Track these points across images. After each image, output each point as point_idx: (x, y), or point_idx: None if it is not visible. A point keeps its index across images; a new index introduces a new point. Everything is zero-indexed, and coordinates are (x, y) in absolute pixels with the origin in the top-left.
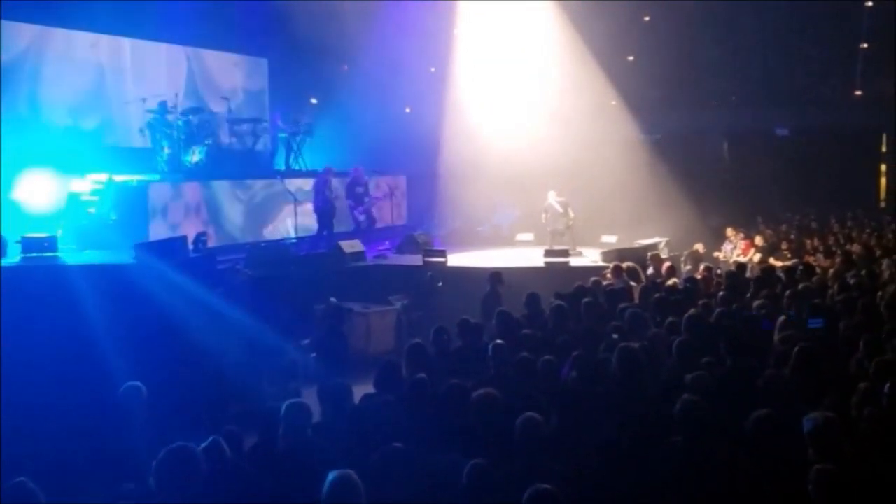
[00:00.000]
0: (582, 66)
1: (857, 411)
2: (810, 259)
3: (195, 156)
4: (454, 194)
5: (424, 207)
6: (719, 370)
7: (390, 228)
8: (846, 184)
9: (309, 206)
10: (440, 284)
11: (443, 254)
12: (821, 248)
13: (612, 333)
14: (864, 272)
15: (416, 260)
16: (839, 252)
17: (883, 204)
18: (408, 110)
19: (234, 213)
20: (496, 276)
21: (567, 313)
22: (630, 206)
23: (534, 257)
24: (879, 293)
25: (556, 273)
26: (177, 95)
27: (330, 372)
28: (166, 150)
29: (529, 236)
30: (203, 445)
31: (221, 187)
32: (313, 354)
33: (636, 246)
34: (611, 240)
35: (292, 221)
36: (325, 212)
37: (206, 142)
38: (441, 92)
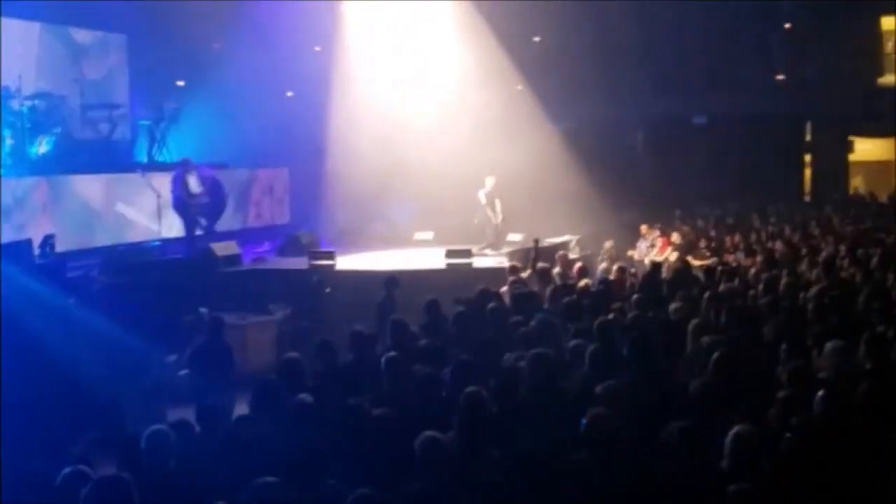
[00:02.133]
0: (485, 46)
1: (778, 423)
2: (730, 258)
3: (42, 147)
4: (344, 189)
5: (310, 204)
6: (632, 380)
7: (270, 228)
8: (768, 176)
9: None
10: (328, 291)
11: (331, 255)
12: (741, 246)
13: (520, 342)
14: (786, 272)
15: (300, 263)
16: (760, 250)
17: (808, 198)
18: (289, 94)
19: (87, 213)
20: (392, 281)
21: (470, 320)
22: (538, 202)
23: (435, 258)
24: (802, 294)
25: (459, 276)
26: (20, 78)
27: (207, 391)
28: (9, 141)
29: (429, 234)
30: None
31: (73, 182)
32: (184, 371)
33: (545, 245)
34: (516, 238)
35: (156, 221)
36: (183, 211)
37: (55, 130)
38: (327, 74)
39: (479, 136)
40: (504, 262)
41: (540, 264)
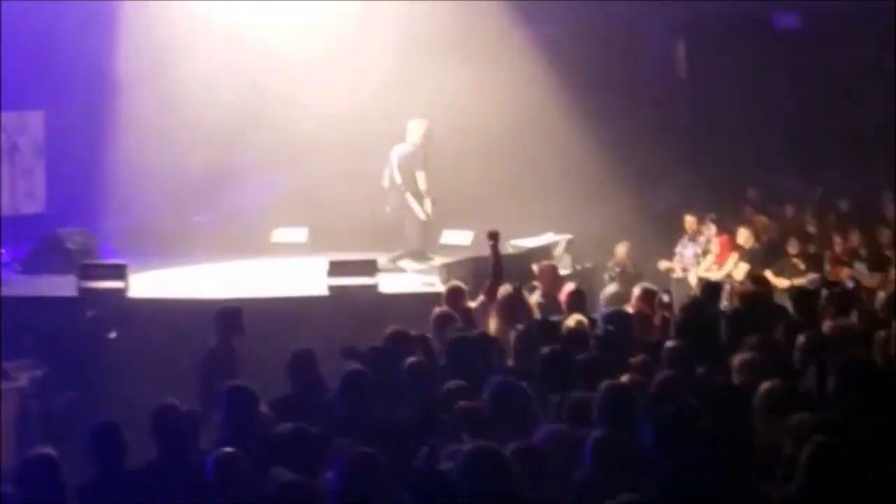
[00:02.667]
0: None
1: None
2: (843, 273)
3: None
4: (147, 157)
5: (84, 180)
6: (664, 491)
7: (11, 221)
8: None
9: None
10: (113, 336)
11: (120, 272)
12: (863, 253)
13: (460, 426)
14: None
15: (63, 285)
16: None
17: None
18: None
19: None
20: (229, 318)
21: (370, 389)
22: (501, 176)
23: (309, 276)
24: None
25: (352, 308)
26: None
27: None
28: None
29: (300, 234)
30: None
31: None
32: None
33: (512, 251)
34: (460, 240)
35: None
36: None
37: None
38: None
39: (398, 63)
40: (435, 284)
41: (503, 288)
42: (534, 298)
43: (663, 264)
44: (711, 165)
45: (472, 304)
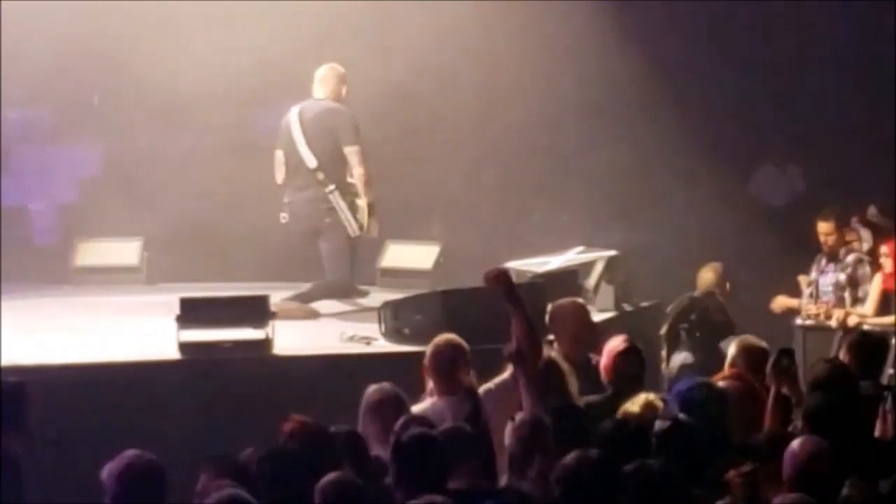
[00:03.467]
0: None
1: None
2: None
3: None
4: None
5: None
6: None
7: None
8: None
9: None
10: None
11: None
12: None
13: None
14: None
15: None
16: None
17: None
18: None
19: None
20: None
21: None
22: (499, 162)
23: (147, 326)
24: None
25: (221, 383)
26: None
27: None
28: None
29: (130, 252)
30: None
31: None
32: None
33: (526, 278)
34: (417, 261)
35: None
36: None
37: None
38: None
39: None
40: (376, 338)
41: (507, 347)
42: (560, 362)
43: (781, 302)
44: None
45: (463, 380)
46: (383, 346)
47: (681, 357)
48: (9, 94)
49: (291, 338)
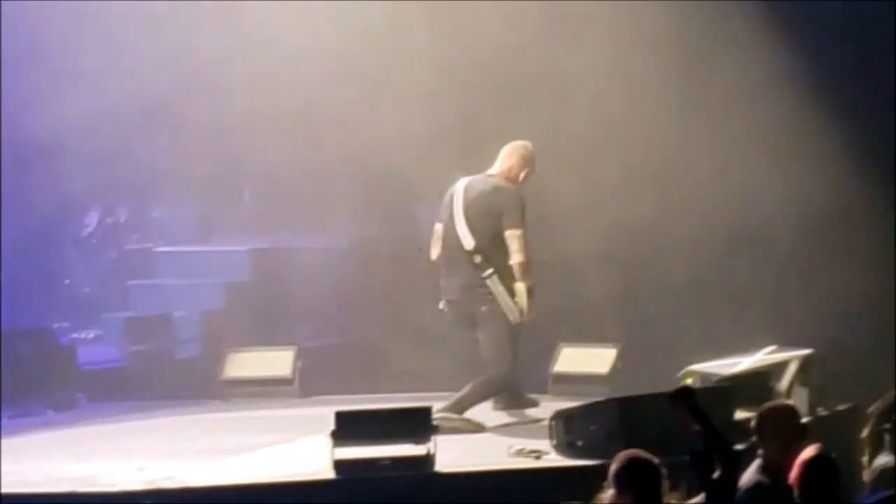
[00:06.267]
0: None
1: None
2: None
3: None
4: None
5: None
6: None
7: None
8: None
9: None
10: None
11: None
12: None
13: None
14: None
15: None
16: None
17: None
18: None
19: None
20: None
21: None
22: (674, 251)
23: (300, 444)
24: None
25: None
26: None
27: None
28: None
29: (283, 362)
30: None
31: None
32: None
33: (692, 383)
34: (592, 366)
35: None
36: None
37: None
38: None
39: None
40: (547, 451)
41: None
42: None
43: None
44: None
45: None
46: (554, 460)
47: (882, 461)
48: (148, 191)
49: (454, 453)
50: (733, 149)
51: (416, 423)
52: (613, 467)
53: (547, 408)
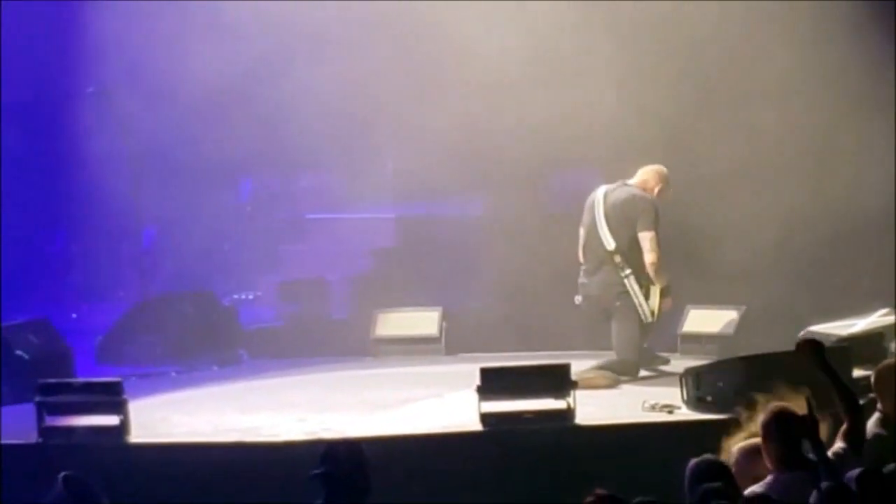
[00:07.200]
0: None
1: None
2: None
3: None
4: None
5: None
6: None
7: None
8: None
9: None
10: None
11: (112, 398)
12: None
13: None
14: None
15: (11, 424)
16: None
17: None
18: None
19: None
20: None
21: None
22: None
23: (447, 398)
24: None
25: (524, 455)
26: None
27: None
28: None
29: (430, 321)
30: None
31: None
32: None
33: (828, 343)
34: (717, 326)
35: None
36: None
37: None
38: None
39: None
40: (679, 405)
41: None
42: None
43: None
44: None
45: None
46: (686, 414)
47: None
48: (299, 160)
49: (593, 407)
50: (878, 138)
51: (556, 379)
52: (762, 418)
53: (677, 365)
